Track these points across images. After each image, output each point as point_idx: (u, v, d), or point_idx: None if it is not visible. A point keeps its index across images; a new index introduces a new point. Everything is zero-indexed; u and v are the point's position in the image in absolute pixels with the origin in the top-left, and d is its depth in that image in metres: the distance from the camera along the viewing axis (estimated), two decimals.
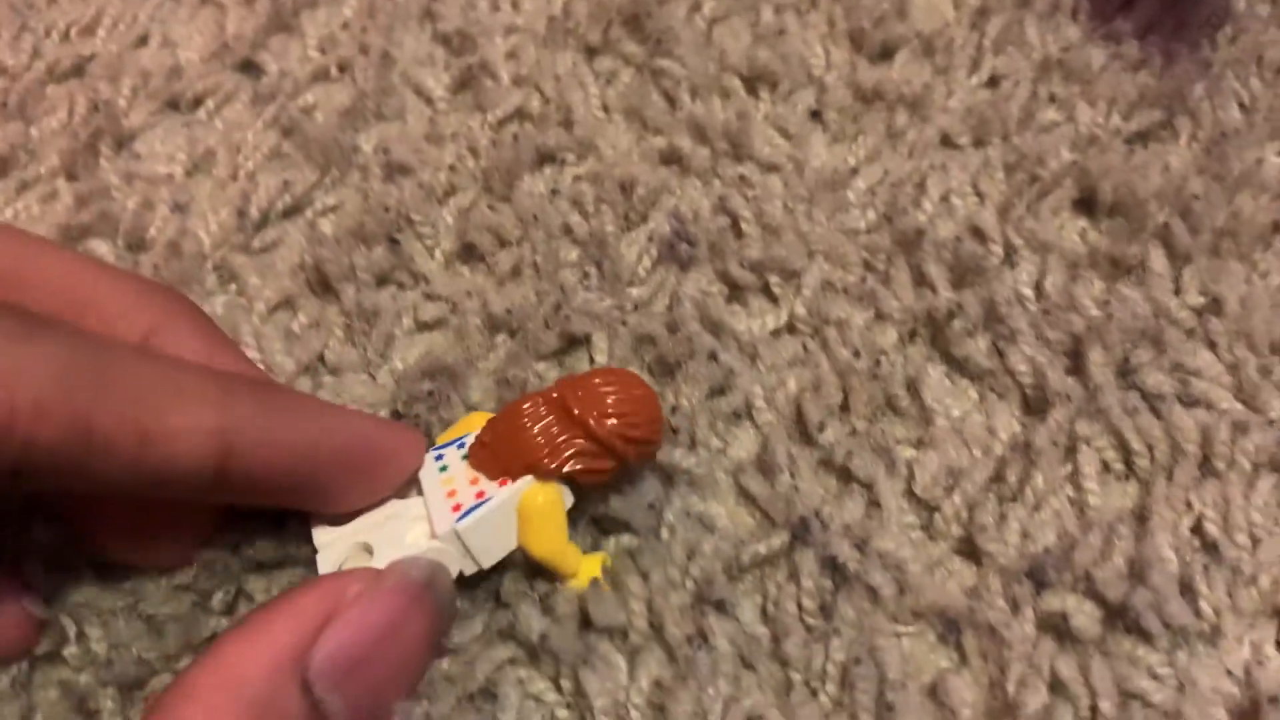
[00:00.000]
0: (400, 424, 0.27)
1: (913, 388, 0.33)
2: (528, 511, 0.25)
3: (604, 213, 0.36)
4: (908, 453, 0.32)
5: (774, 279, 0.35)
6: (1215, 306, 0.34)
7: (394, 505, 0.26)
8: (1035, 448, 0.31)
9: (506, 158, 0.37)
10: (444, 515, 0.25)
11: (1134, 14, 0.42)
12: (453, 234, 0.36)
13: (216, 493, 0.23)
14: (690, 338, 0.33)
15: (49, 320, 0.21)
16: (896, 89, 0.39)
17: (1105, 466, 0.31)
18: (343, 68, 0.41)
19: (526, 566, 0.27)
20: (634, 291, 0.35)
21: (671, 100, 0.40)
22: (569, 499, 0.26)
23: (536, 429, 0.25)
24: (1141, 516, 0.30)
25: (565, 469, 0.25)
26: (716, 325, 0.34)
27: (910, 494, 0.31)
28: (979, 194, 0.37)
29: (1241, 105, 0.40)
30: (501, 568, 0.27)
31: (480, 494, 0.25)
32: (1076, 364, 0.33)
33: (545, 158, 0.38)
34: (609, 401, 0.26)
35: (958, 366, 0.33)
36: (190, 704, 0.20)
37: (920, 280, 0.34)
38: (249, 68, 0.42)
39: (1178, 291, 0.35)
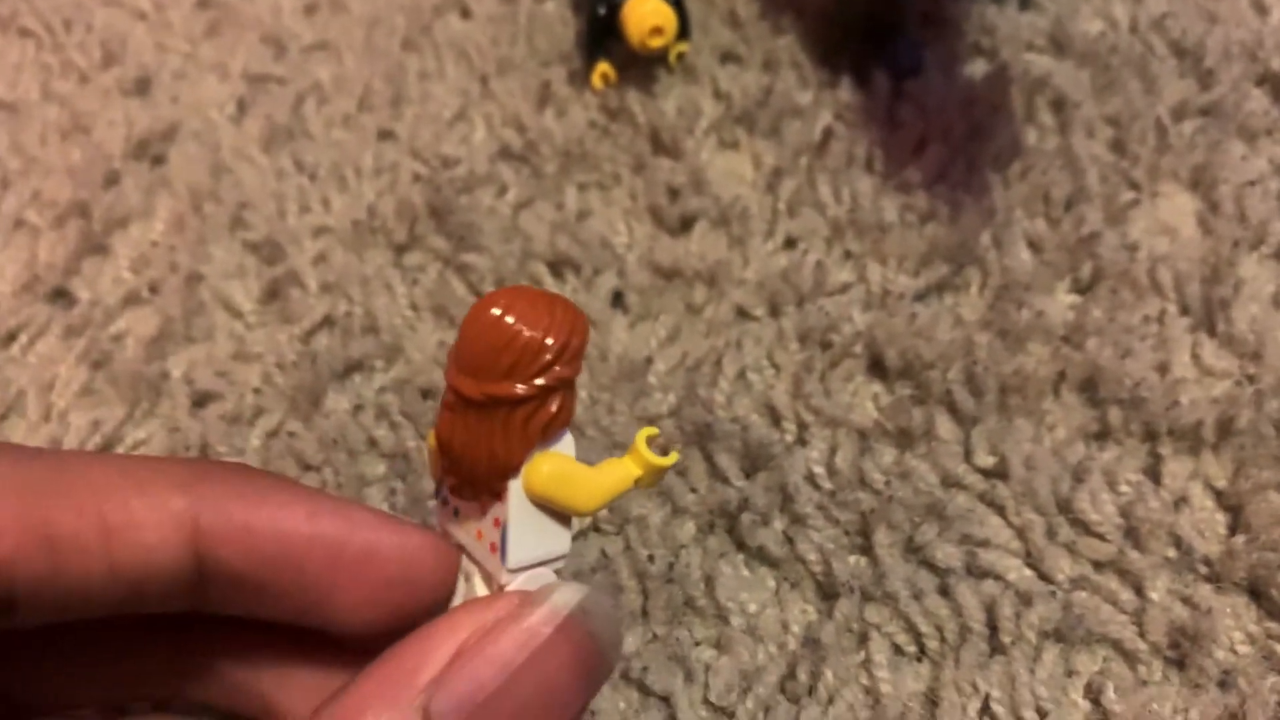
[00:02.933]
0: (421, 528, 0.23)
1: (709, 585, 0.33)
2: (544, 495, 0.21)
3: (407, 425, 0.37)
4: (706, 654, 0.32)
5: None
6: (1003, 468, 0.35)
7: (463, 564, 0.23)
8: (824, 642, 0.31)
9: (311, 375, 0.38)
10: (492, 560, 0.22)
11: (925, 159, 0.43)
12: (258, 461, 0.36)
13: (199, 595, 0.21)
14: None
15: None
16: (694, 265, 0.40)
17: (898, 649, 0.32)
18: (154, 288, 0.41)
19: None
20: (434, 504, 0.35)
21: (479, 294, 0.40)
22: (566, 447, 0.22)
23: (475, 443, 0.21)
24: (933, 699, 0.31)
25: (528, 456, 0.21)
26: None
27: (707, 701, 0.31)
28: (774, 365, 0.38)
29: (1031, 244, 0.41)
30: None
31: (496, 520, 0.22)
32: (867, 543, 0.34)
33: (352, 367, 0.39)
34: (501, 360, 0.21)
35: (755, 555, 0.34)
36: None
37: (714, 471, 0.35)
38: (60, 296, 0.42)
39: (968, 455, 0.35)
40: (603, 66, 0.46)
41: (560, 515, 0.22)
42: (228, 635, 0.24)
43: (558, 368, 0.21)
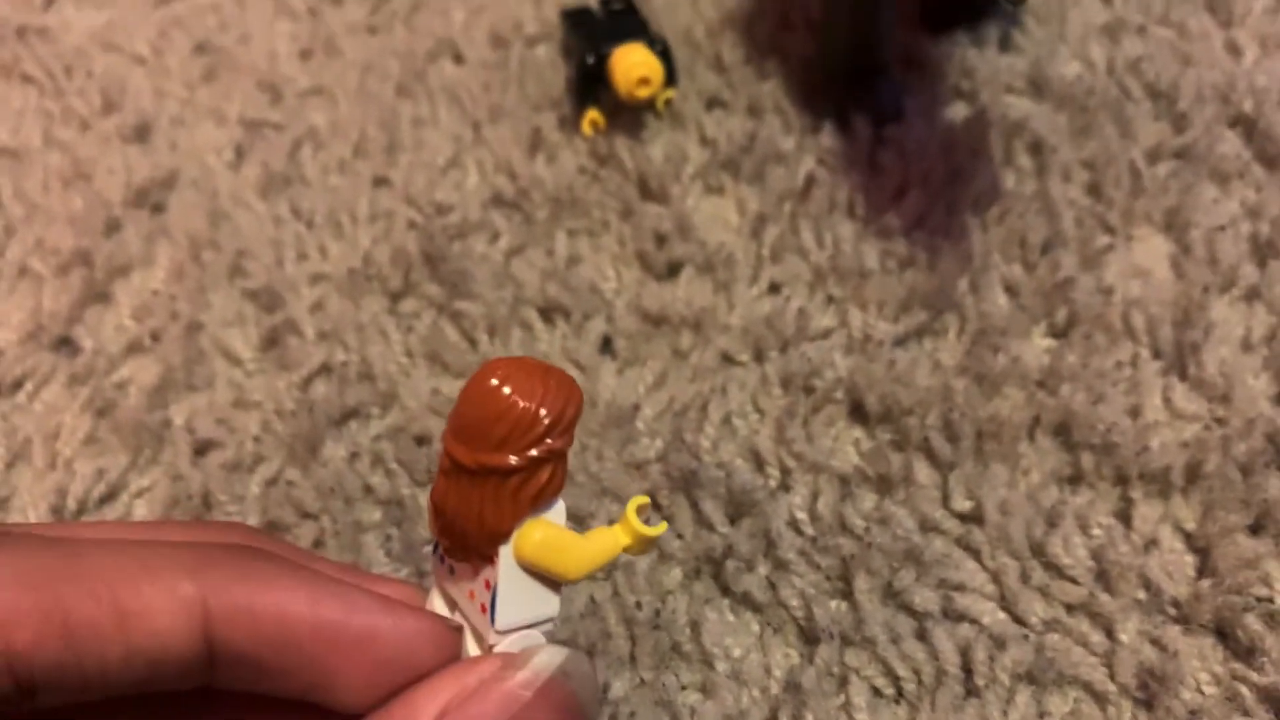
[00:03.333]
0: (419, 612, 0.24)
1: (695, 630, 0.34)
2: (533, 561, 0.22)
3: (401, 474, 0.38)
4: (692, 698, 0.33)
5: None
6: (979, 512, 0.36)
7: (456, 619, 0.24)
8: (805, 686, 0.32)
9: (309, 423, 0.39)
10: (482, 621, 0.23)
11: (905, 204, 0.44)
12: (258, 509, 0.38)
13: (209, 674, 0.22)
14: None
15: (9, 528, 0.21)
16: (680, 310, 0.41)
17: (876, 692, 0.33)
18: (155, 337, 0.43)
19: None
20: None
21: (472, 341, 0.42)
22: (557, 515, 0.22)
23: (467, 509, 0.22)
24: None
25: (519, 524, 0.22)
26: None
27: None
28: (759, 410, 0.39)
29: (1008, 289, 0.42)
30: None
31: (486, 583, 0.22)
32: (848, 588, 0.35)
33: (349, 414, 0.40)
34: (495, 431, 0.21)
35: (740, 600, 0.35)
36: None
37: (700, 518, 0.36)
38: (64, 344, 0.43)
39: (946, 500, 0.37)
40: (592, 113, 0.47)
41: (549, 580, 0.22)
42: (235, 705, 0.25)
43: (550, 440, 0.21)
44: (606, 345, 0.41)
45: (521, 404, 0.21)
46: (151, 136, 0.50)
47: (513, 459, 0.21)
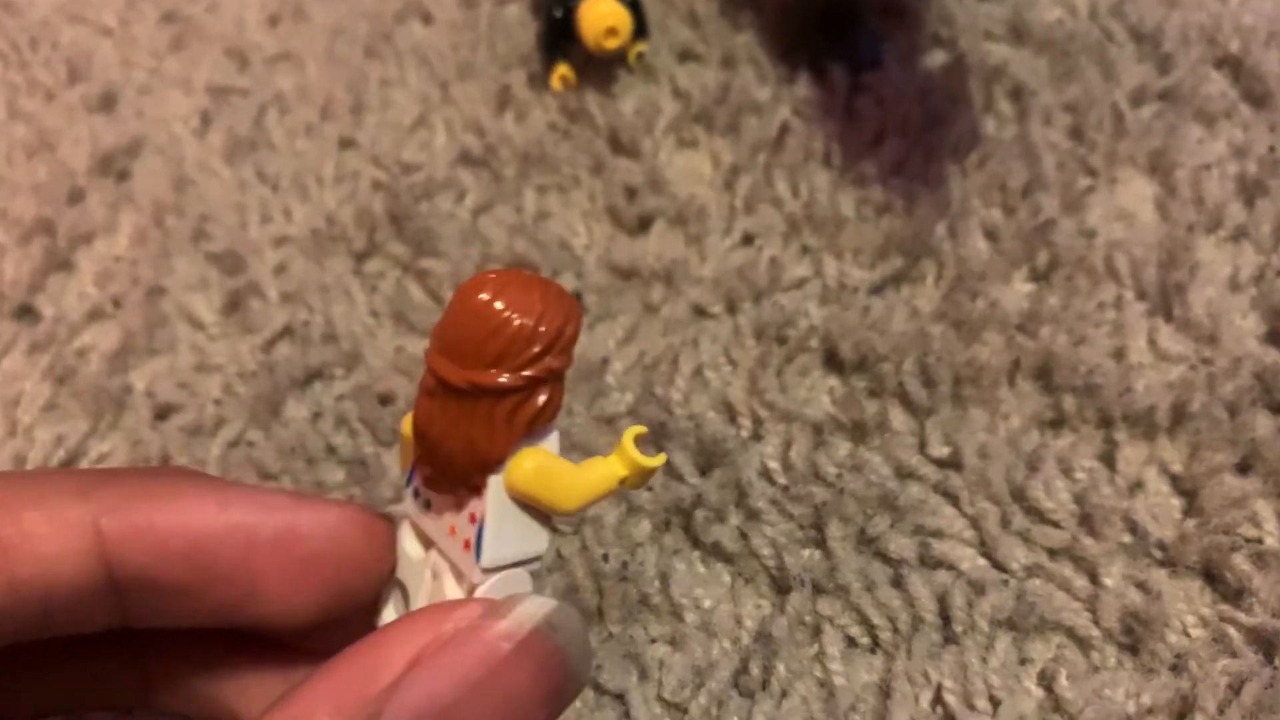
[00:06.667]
0: (343, 503, 0.22)
1: (664, 582, 0.33)
2: (526, 492, 0.20)
3: (364, 433, 0.37)
4: (661, 651, 0.32)
5: None
6: (957, 458, 0.35)
7: (432, 559, 0.22)
8: (777, 636, 0.31)
9: (270, 385, 0.38)
10: (464, 559, 0.21)
11: (882, 151, 0.43)
12: (218, 471, 0.37)
13: (119, 608, 0.20)
14: None
15: None
16: (651, 264, 0.40)
17: (851, 641, 0.32)
18: (117, 303, 0.42)
19: None
20: (396, 509, 0.36)
21: (438, 299, 0.41)
22: (551, 444, 0.21)
23: (455, 433, 0.20)
24: (885, 690, 0.31)
25: (512, 451, 0.20)
26: None
27: (661, 698, 0.31)
28: (731, 362, 0.38)
29: (987, 234, 0.41)
30: None
31: (472, 516, 0.21)
32: (821, 536, 0.34)
33: (312, 375, 0.39)
34: (489, 348, 0.19)
35: (710, 551, 0.34)
36: None
37: (670, 469, 0.35)
38: (26, 313, 0.42)
39: (922, 446, 0.35)
40: (562, 69, 0.46)
41: (540, 514, 0.21)
42: (189, 644, 0.23)
43: (548, 359, 0.19)
44: (577, 300, 0.40)
45: (517, 320, 0.19)
46: (117, 106, 0.49)
47: (508, 379, 0.19)
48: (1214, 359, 0.37)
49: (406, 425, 0.21)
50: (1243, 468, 0.34)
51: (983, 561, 0.33)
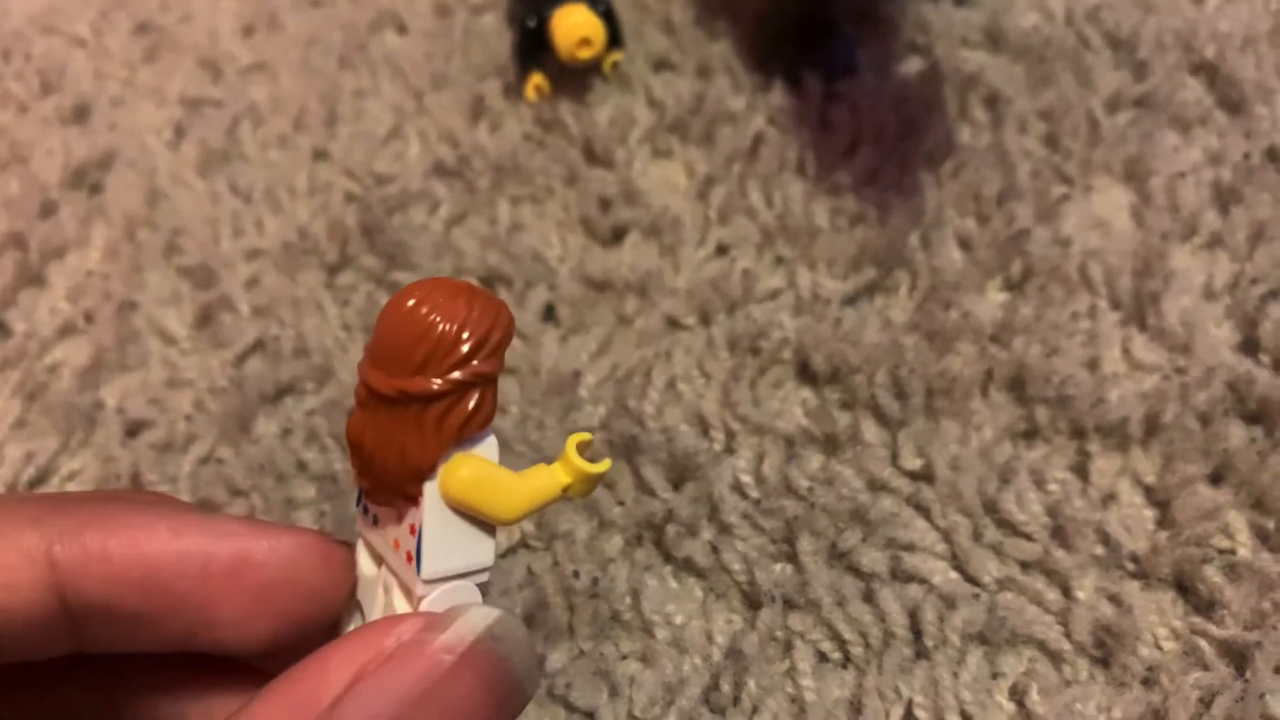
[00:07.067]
0: (299, 530, 0.22)
1: (635, 598, 0.33)
2: (462, 500, 0.20)
3: (335, 449, 0.37)
4: (632, 668, 0.32)
5: None
6: (929, 470, 0.35)
7: (383, 575, 0.22)
8: (747, 652, 0.31)
9: (241, 400, 0.38)
10: (407, 572, 0.20)
11: (856, 160, 0.43)
12: (189, 488, 0.36)
13: (76, 635, 0.20)
14: None
15: None
16: (625, 276, 0.40)
17: (822, 656, 0.32)
18: (89, 318, 0.42)
19: None
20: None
21: None
22: (488, 450, 0.20)
23: (387, 442, 0.20)
24: (857, 706, 0.31)
25: (444, 458, 0.20)
26: None
27: (632, 716, 0.31)
28: (704, 374, 0.38)
29: (962, 243, 0.41)
30: None
31: (412, 527, 0.20)
32: (792, 550, 0.33)
33: (283, 390, 0.39)
34: (414, 354, 0.19)
35: (682, 566, 0.34)
36: None
37: (642, 484, 0.35)
38: None
39: (894, 458, 0.35)
40: (536, 78, 0.46)
41: (482, 523, 0.20)
42: (152, 667, 0.23)
43: (475, 362, 0.19)
44: (549, 313, 0.40)
45: (442, 324, 0.19)
46: (90, 117, 0.49)
47: (435, 383, 0.19)
48: (1188, 368, 0.36)
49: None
50: (1215, 478, 0.34)
51: (954, 575, 0.33)
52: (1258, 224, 0.40)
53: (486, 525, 0.20)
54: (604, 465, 0.21)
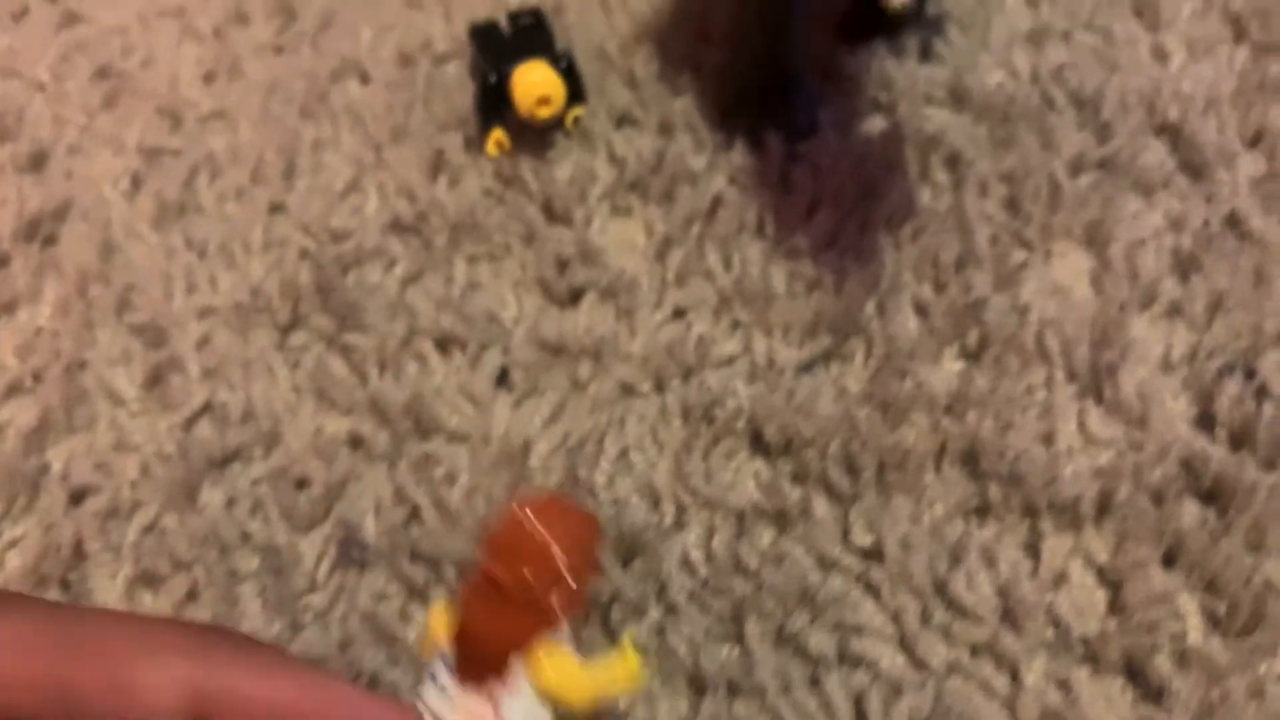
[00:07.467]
0: (399, 703, 0.25)
1: None
2: (551, 694, 0.23)
3: (279, 520, 0.36)
4: None
5: (449, 572, 0.35)
6: (880, 548, 0.34)
7: None
8: None
9: (185, 468, 0.37)
10: None
11: (816, 222, 0.43)
12: (131, 558, 0.36)
13: None
14: (362, 657, 0.33)
15: (18, 595, 0.22)
16: (580, 339, 0.40)
17: None
18: (37, 377, 0.41)
19: None
20: (314, 599, 0.35)
21: (361, 374, 0.40)
22: (570, 647, 0.24)
23: (496, 626, 0.24)
24: None
25: (537, 648, 0.23)
26: (390, 639, 0.34)
27: None
28: (657, 443, 0.37)
29: (919, 310, 0.40)
30: None
31: (495, 707, 0.24)
32: (739, 631, 0.33)
33: (230, 456, 0.38)
34: (522, 566, 0.23)
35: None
36: None
37: None
38: None
39: (845, 535, 0.35)
40: (497, 133, 0.46)
41: (557, 709, 0.23)
42: None
43: (569, 580, 0.23)
44: (503, 377, 0.40)
45: (549, 547, 0.23)
46: (47, 165, 0.48)
47: (538, 593, 0.23)
48: (1143, 443, 0.36)
49: (434, 617, 0.24)
50: (1168, 560, 0.34)
51: (902, 659, 0.33)
52: (1216, 294, 0.40)
53: (559, 713, 0.24)
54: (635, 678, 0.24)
